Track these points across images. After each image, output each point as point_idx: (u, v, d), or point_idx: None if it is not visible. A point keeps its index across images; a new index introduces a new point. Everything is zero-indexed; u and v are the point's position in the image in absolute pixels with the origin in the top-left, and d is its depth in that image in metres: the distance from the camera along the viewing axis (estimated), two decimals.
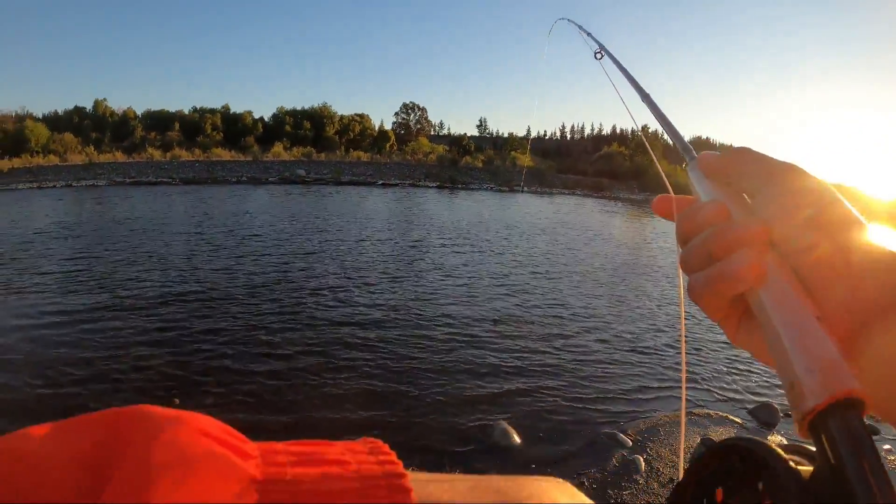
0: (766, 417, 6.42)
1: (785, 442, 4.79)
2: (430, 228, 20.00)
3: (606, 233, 23.29)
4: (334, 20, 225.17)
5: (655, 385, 7.10)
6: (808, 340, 0.36)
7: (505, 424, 5.57)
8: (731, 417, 6.37)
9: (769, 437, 5.94)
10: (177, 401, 5.69)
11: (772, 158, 0.43)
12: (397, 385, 6.38)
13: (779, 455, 0.34)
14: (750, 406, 6.73)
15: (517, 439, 5.39)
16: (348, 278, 11.12)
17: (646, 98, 0.70)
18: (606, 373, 7.37)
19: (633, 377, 7.30)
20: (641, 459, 5.20)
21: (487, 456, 5.10)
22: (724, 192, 0.45)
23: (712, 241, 0.41)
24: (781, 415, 6.48)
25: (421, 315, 9.12)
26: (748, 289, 0.40)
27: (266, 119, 69.94)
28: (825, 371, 0.34)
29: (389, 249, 14.85)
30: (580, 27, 1.00)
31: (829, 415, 0.33)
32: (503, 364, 7.27)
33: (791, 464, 0.34)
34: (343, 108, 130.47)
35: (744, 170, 0.44)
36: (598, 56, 0.88)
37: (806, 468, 0.34)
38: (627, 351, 8.31)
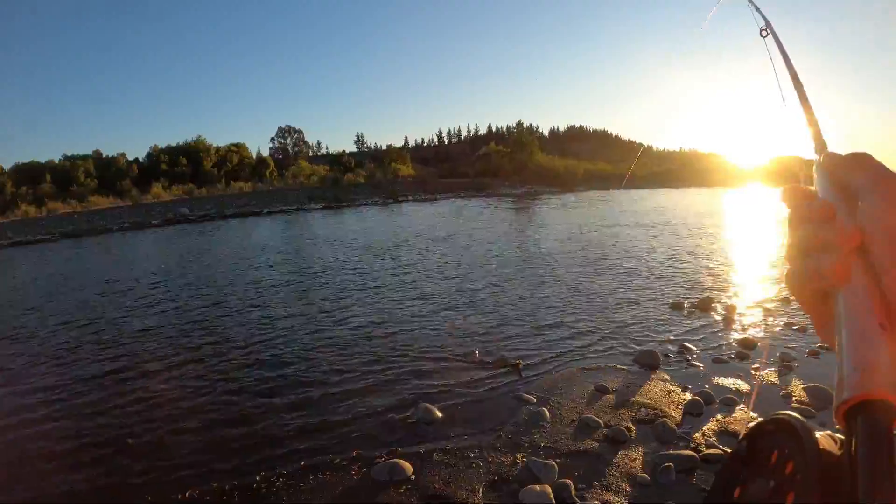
0: (648, 361, 7.41)
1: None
2: (323, 250, 20.41)
3: (490, 229, 24.44)
4: (196, 48, 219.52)
5: (548, 352, 8.04)
6: (862, 342, 0.39)
7: (426, 404, 6.23)
8: (619, 367, 7.31)
9: (653, 376, 6.92)
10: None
11: (885, 168, 0.45)
12: (328, 395, 6.88)
13: (811, 436, 0.40)
14: (634, 354, 7.71)
15: (438, 414, 6.06)
16: (253, 313, 11.37)
17: (797, 83, 0.69)
18: (505, 348, 8.23)
19: (529, 348, 8.20)
20: (546, 410, 6.01)
21: (415, 432, 5.74)
22: (837, 192, 0.47)
23: (809, 238, 0.45)
24: (661, 357, 7.49)
25: (332, 332, 9.71)
26: (830, 287, 0.44)
27: (140, 160, 66.83)
28: (866, 371, 0.37)
29: (287, 277, 15.10)
30: (750, 1, 0.93)
31: (860, 411, 0.37)
32: (415, 357, 7.98)
33: (821, 444, 0.39)
34: (218, 138, 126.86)
35: (857, 174, 0.46)
36: (764, 34, 0.84)
37: (836, 453, 0.39)
38: (520, 327, 9.24)
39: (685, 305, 10.32)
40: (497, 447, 5.31)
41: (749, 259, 15.76)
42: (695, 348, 7.90)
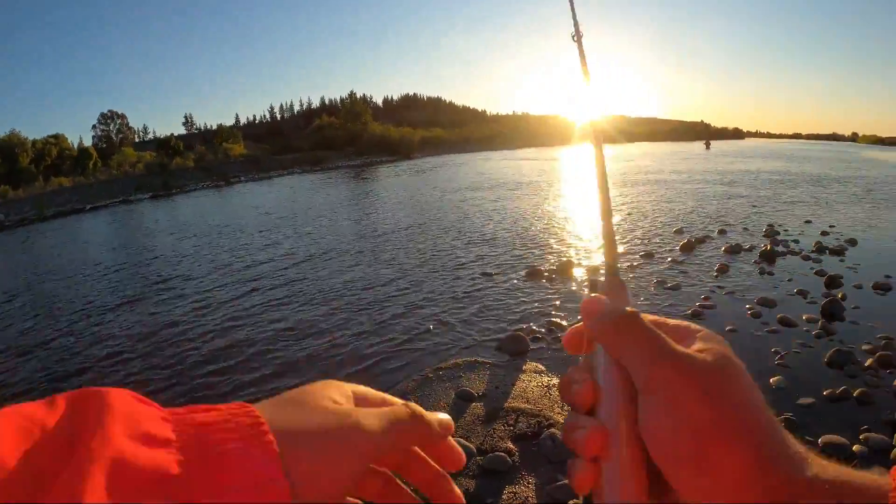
0: (515, 348, 6.24)
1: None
2: (155, 250, 16.96)
3: (327, 207, 22.71)
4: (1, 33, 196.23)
5: (393, 352, 6.57)
6: None
7: None
8: (482, 360, 6.04)
9: (525, 367, 5.75)
10: None
11: (659, 346, 0.42)
12: None
13: None
14: (497, 341, 6.49)
15: None
16: (93, 331, 8.97)
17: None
18: (339, 353, 6.67)
19: (370, 350, 6.68)
20: None
21: None
22: (608, 366, 0.43)
23: (567, 432, 0.43)
24: (530, 340, 6.34)
25: (186, 340, 7.67)
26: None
27: None
28: None
29: (117, 284, 12.21)
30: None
31: None
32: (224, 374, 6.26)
33: None
34: (34, 131, 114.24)
35: (628, 354, 0.42)
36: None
37: None
38: (360, 323, 7.71)
39: (544, 273, 9.34)
40: None
41: (596, 215, 15.28)
42: (566, 324, 6.83)
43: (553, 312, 7.32)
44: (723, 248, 10.56)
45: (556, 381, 5.31)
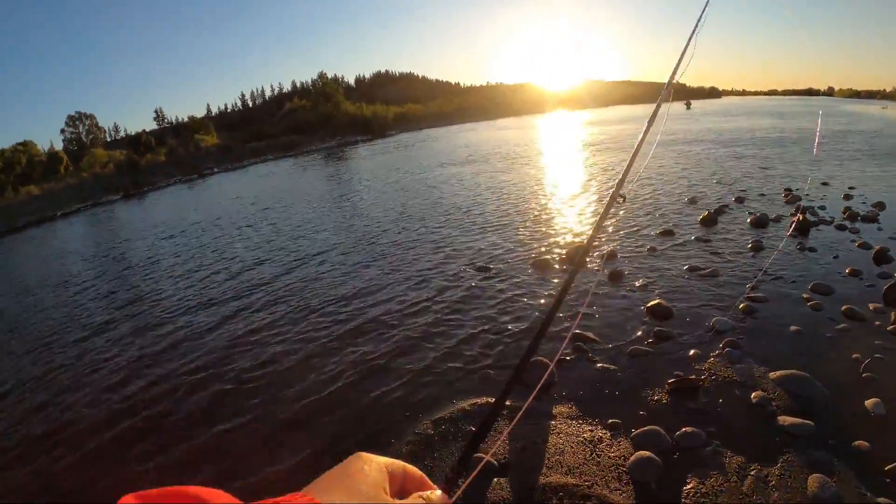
0: (536, 381, 4.87)
1: None
2: (130, 260, 15.10)
3: (299, 197, 21.19)
4: None
5: (398, 402, 5.15)
6: None
7: None
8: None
9: (555, 410, 4.51)
10: None
11: None
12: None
13: None
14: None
15: None
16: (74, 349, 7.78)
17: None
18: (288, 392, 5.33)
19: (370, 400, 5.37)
20: None
21: None
22: None
23: None
24: (555, 370, 5.08)
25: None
26: None
27: None
28: None
29: (94, 299, 10.80)
30: None
31: None
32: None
33: None
34: (2, 140, 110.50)
35: None
36: None
37: None
38: (335, 346, 6.38)
39: (552, 262, 8.10)
40: None
41: (593, 188, 13.97)
42: (594, 336, 5.54)
43: (577, 321, 5.97)
44: (748, 221, 9.38)
45: (600, 432, 4.02)
